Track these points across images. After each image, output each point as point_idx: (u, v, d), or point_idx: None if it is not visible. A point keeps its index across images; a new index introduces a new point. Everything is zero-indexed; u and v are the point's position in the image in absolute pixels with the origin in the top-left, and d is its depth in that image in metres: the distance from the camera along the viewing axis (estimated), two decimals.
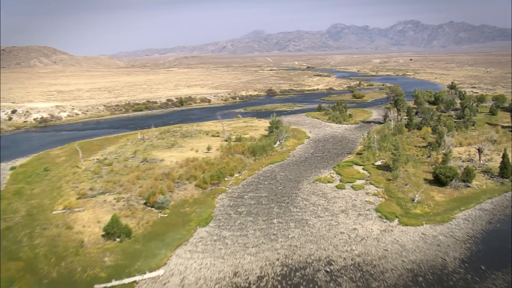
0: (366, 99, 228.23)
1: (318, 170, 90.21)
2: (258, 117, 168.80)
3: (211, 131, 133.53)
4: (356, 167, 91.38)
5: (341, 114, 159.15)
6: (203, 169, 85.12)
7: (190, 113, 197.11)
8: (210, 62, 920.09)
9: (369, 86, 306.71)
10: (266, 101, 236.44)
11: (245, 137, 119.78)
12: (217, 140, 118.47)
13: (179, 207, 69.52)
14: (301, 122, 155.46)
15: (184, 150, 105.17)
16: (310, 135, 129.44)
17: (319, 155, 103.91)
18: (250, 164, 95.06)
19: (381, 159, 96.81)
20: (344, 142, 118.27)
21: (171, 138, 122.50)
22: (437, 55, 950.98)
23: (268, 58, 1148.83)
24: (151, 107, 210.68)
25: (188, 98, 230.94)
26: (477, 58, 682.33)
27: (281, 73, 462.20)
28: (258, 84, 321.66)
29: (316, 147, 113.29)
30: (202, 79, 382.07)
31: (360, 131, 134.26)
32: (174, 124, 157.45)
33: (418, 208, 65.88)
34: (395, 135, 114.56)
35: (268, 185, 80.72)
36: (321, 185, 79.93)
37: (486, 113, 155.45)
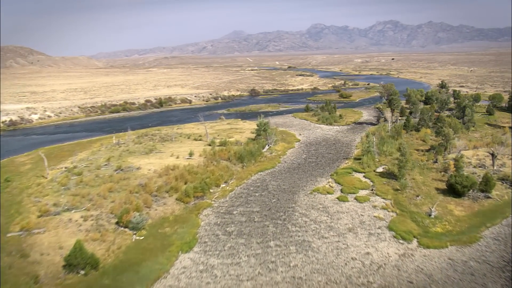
0: (353, 99, 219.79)
1: (314, 179, 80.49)
2: (242, 119, 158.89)
3: (193, 134, 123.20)
4: (356, 175, 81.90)
5: (330, 115, 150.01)
6: (185, 179, 74.76)
7: (170, 115, 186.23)
8: (190, 63, 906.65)
9: (354, 85, 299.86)
10: (250, 102, 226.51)
11: (230, 140, 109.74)
12: (199, 144, 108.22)
13: (157, 226, 59.03)
14: (289, 123, 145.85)
15: (163, 156, 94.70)
16: (300, 138, 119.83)
17: (313, 161, 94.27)
18: (238, 172, 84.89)
19: (382, 165, 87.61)
20: (338, 146, 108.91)
21: (149, 142, 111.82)
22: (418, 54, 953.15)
23: (249, 58, 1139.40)
24: (128, 108, 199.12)
25: (168, 98, 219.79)
26: (459, 57, 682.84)
27: (263, 73, 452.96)
28: (241, 84, 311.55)
29: (308, 151, 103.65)
30: (183, 79, 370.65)
31: (354, 133, 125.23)
32: (153, 127, 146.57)
33: (437, 226, 56.42)
34: (393, 138, 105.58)
35: (259, 197, 70.62)
36: (320, 196, 70.17)
37: (482, 113, 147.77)
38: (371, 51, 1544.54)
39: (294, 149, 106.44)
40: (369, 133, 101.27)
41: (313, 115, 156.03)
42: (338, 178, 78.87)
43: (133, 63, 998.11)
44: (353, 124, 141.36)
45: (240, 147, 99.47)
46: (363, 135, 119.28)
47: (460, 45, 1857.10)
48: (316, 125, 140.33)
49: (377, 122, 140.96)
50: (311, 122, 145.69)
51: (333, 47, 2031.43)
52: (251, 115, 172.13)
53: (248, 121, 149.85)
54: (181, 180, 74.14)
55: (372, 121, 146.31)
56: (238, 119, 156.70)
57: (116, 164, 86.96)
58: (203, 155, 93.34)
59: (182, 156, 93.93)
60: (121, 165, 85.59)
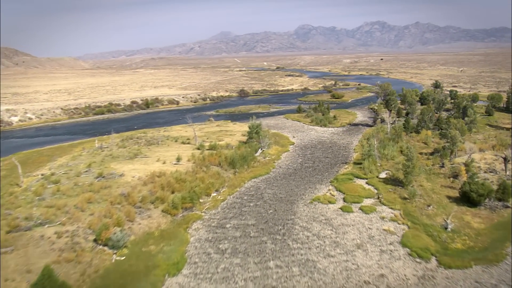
0: (346, 99, 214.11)
1: (313, 186, 74.08)
2: (232, 120, 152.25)
3: (181, 137, 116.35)
4: (358, 181, 75.67)
5: (324, 116, 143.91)
6: (172, 188, 67.97)
7: (157, 116, 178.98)
8: (177, 64, 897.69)
9: (345, 86, 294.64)
10: (239, 102, 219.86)
11: (220, 144, 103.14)
12: (187, 148, 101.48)
13: (141, 244, 52.14)
14: (281, 125, 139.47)
15: (149, 162, 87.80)
16: (294, 140, 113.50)
17: (310, 166, 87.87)
18: (230, 179, 78.17)
19: (385, 170, 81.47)
20: (335, 149, 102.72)
21: (134, 146, 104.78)
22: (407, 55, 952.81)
23: (236, 59, 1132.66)
24: (113, 110, 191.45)
25: (154, 99, 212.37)
26: (448, 57, 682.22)
27: (251, 74, 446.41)
28: (229, 85, 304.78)
29: (304, 155, 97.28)
30: (170, 80, 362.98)
31: (350, 135, 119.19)
32: (139, 129, 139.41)
33: (457, 241, 50.21)
34: (393, 140, 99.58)
35: (254, 207, 64.00)
36: (321, 207, 63.75)
37: (481, 114, 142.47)
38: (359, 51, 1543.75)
39: (289, 153, 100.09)
40: (370, 136, 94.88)
41: (306, 116, 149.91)
42: (339, 185, 72.56)
43: (120, 64, 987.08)
44: (348, 126, 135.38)
45: (232, 151, 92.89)
46: (361, 138, 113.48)
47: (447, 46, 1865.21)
48: (310, 127, 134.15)
49: (373, 123, 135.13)
50: (305, 124, 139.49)
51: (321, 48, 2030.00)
52: (241, 116, 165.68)
53: (238, 123, 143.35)
54: (168, 189, 67.36)
55: (367, 123, 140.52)
56: (227, 121, 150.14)
57: (98, 171, 79.91)
58: (192, 160, 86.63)
59: (169, 161, 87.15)
60: (102, 172, 78.56)
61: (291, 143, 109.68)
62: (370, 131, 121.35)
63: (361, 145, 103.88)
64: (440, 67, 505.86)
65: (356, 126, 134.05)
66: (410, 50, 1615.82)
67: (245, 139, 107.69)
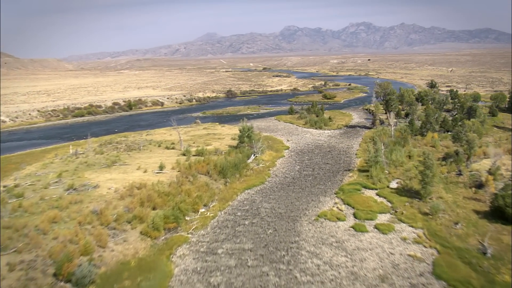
0: (338, 100, 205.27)
1: (316, 198, 64.46)
2: (220, 122, 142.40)
3: (165, 141, 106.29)
4: (367, 192, 66.24)
5: (319, 117, 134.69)
6: (154, 203, 57.82)
7: (140, 119, 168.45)
8: (163, 65, 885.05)
9: (335, 86, 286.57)
10: (227, 103, 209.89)
11: (208, 149, 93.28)
12: (172, 153, 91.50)
13: (113, 279, 41.88)
14: (272, 128, 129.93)
15: (128, 170, 77.62)
16: (289, 144, 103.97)
17: (310, 174, 78.25)
18: (220, 191, 68.20)
19: (395, 178, 72.31)
20: (334, 154, 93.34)
21: (112, 152, 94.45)
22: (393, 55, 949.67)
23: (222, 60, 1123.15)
24: (94, 112, 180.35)
25: (137, 101, 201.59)
26: (435, 58, 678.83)
27: (238, 74, 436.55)
28: (216, 85, 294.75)
29: (301, 161, 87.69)
30: (155, 80, 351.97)
31: (349, 138, 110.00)
32: (120, 133, 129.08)
33: (503, 271, 40.67)
34: (399, 144, 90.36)
35: (250, 226, 54.07)
36: (330, 225, 54.07)
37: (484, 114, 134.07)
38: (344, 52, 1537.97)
39: (284, 158, 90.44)
40: (373, 139, 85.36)
41: (299, 118, 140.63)
42: (346, 198, 63.03)
43: (104, 66, 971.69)
44: (345, 128, 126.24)
45: (221, 157, 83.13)
46: (361, 141, 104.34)
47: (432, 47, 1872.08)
48: (304, 129, 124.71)
49: (372, 125, 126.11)
50: (298, 126, 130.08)
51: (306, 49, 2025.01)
52: (229, 118, 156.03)
53: (227, 125, 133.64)
54: (148, 205, 57.23)
55: (365, 124, 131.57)
56: (215, 123, 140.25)
57: (69, 181, 69.60)
58: (177, 168, 76.62)
59: (151, 169, 77.07)
60: (74, 183, 68.24)
61: (286, 148, 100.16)
62: (370, 133, 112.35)
63: (363, 149, 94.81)
64: (428, 67, 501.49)
65: (354, 128, 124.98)
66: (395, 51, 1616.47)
67: (235, 144, 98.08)
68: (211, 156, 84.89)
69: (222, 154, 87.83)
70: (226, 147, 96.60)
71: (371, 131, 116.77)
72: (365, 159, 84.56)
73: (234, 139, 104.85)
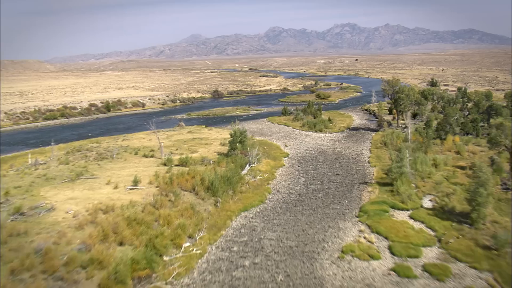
0: (333, 100, 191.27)
1: (334, 223, 49.79)
2: (206, 125, 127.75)
3: (143, 147, 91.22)
4: (397, 214, 51.78)
5: (317, 119, 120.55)
6: (121, 235, 42.63)
7: (118, 121, 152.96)
8: (147, 66, 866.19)
9: (327, 86, 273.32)
10: (213, 104, 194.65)
11: (194, 157, 78.40)
12: (150, 163, 76.50)
13: None
14: (266, 131, 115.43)
15: (95, 186, 62.33)
16: (287, 151, 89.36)
17: (319, 188, 63.67)
18: (210, 214, 53.02)
19: (426, 194, 58.15)
20: (343, 162, 78.95)
21: (80, 162, 79.02)
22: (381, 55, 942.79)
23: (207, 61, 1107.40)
24: (68, 114, 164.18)
25: (116, 102, 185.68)
26: (424, 57, 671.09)
27: (224, 75, 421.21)
28: (201, 85, 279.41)
29: (306, 171, 73.09)
30: (137, 81, 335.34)
31: (355, 143, 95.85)
32: (94, 137, 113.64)
33: None
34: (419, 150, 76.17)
35: (253, 270, 39.06)
36: (361, 266, 39.34)
37: None
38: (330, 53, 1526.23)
39: (285, 168, 75.76)
40: (402, 145, 70.94)
41: (295, 120, 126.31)
42: (374, 223, 48.45)
43: (88, 67, 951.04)
44: (347, 130, 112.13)
45: (210, 167, 68.42)
46: (371, 146, 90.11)
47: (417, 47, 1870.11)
48: (302, 133, 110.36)
49: (378, 127, 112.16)
50: (295, 129, 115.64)
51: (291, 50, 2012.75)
52: (216, 120, 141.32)
53: (214, 128, 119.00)
54: (113, 239, 42.22)
55: (369, 126, 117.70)
56: (201, 126, 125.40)
57: (18, 202, 54.15)
58: (155, 183, 61.59)
59: (123, 184, 61.93)
60: (23, 204, 52.77)
61: (285, 155, 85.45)
62: (379, 137, 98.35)
63: (376, 156, 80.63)
64: (418, 67, 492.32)
65: (358, 131, 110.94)
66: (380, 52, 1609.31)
67: (225, 150, 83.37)
68: (197, 167, 70.08)
69: (211, 163, 73.04)
70: (214, 154, 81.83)
71: (378, 134, 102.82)
72: (382, 169, 70.46)
73: (223, 145, 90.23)
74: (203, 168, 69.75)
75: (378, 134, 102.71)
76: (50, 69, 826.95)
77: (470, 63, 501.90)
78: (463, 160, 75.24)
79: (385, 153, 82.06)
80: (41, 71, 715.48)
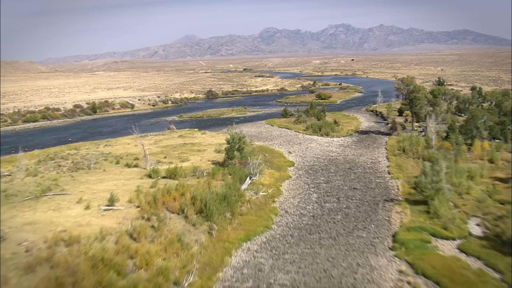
0: (334, 101, 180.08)
1: (363, 260, 38.11)
2: (199, 128, 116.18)
3: (127, 155, 79.72)
4: (442, 245, 40.39)
5: (321, 121, 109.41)
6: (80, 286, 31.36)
7: (104, 124, 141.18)
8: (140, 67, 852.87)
9: (325, 85, 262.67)
10: (207, 105, 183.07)
11: (184, 167, 66.93)
12: (133, 174, 64.93)
13: None
14: (266, 134, 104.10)
15: (63, 205, 50.48)
16: (292, 158, 77.92)
17: (336, 207, 52.04)
18: (202, 248, 40.83)
19: (471, 215, 46.95)
20: (359, 173, 67.55)
21: (51, 173, 67.29)
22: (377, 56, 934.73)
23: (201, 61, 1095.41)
24: (50, 116, 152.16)
25: (103, 103, 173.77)
26: (421, 58, 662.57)
27: (219, 75, 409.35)
28: (195, 86, 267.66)
29: (317, 185, 61.57)
30: (129, 81, 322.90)
31: (368, 149, 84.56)
32: (74, 142, 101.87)
33: None
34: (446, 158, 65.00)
35: None
36: None
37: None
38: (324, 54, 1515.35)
39: (292, 181, 64.26)
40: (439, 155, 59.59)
41: (297, 122, 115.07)
42: (416, 260, 36.91)
43: (81, 68, 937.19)
44: (356, 134, 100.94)
45: (202, 180, 56.98)
46: (388, 152, 78.73)
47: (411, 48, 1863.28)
48: (306, 137, 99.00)
49: (391, 130, 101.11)
50: (298, 132, 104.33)
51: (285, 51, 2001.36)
52: (210, 122, 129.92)
53: (208, 132, 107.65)
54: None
55: (379, 129, 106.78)
56: (193, 129, 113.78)
57: None
58: (136, 201, 50.04)
59: (97, 202, 50.27)
60: None
61: (290, 164, 73.86)
62: (394, 142, 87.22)
63: (397, 165, 69.43)
64: (415, 67, 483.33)
65: (368, 135, 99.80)
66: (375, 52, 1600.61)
67: (221, 158, 72.00)
68: (187, 180, 58.68)
69: (204, 175, 61.58)
70: (208, 164, 70.36)
71: (393, 138, 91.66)
72: (407, 181, 59.30)
73: (219, 152, 78.88)
74: (195, 181, 58.37)
75: (392, 138, 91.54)
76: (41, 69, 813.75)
77: (468, 63, 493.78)
78: (499, 170, 64.26)
79: (406, 161, 71.02)
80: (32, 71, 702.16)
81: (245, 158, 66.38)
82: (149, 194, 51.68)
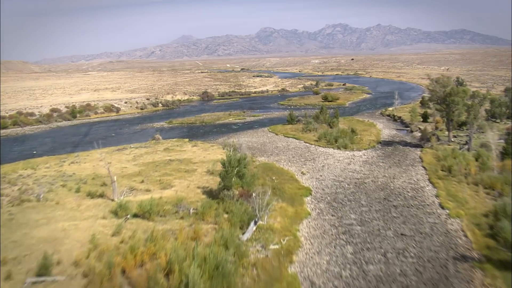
0: (342, 103, 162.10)
1: None
2: (190, 138, 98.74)
3: (93, 177, 62.30)
4: None
5: (335, 129, 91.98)
6: None
7: (81, 131, 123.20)
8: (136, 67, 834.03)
9: (329, 86, 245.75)
10: (202, 108, 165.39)
11: (165, 198, 49.49)
12: (95, 210, 47.35)
13: None
14: (270, 146, 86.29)
15: None
16: (307, 182, 59.85)
17: (385, 274, 33.92)
18: None
19: None
20: (400, 205, 49.48)
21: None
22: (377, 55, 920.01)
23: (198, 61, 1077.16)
24: (23, 122, 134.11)
25: (85, 106, 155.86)
26: (422, 57, 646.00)
27: (215, 75, 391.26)
28: (189, 86, 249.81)
29: (347, 228, 43.54)
30: (120, 82, 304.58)
31: (400, 167, 66.75)
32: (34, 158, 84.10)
33: None
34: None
35: None
36: None
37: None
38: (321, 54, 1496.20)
39: (312, 221, 46.12)
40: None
41: (305, 130, 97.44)
42: None
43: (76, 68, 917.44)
44: (379, 146, 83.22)
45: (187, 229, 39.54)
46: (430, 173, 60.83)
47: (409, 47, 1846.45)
48: (320, 150, 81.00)
49: (421, 141, 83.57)
50: (308, 144, 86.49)
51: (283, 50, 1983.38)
52: (204, 130, 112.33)
53: (200, 144, 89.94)
54: None
55: (404, 139, 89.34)
56: (183, 139, 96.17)
57: None
58: (84, 264, 32.52)
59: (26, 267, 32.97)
60: None
61: (306, 191, 55.67)
62: (430, 157, 69.69)
63: (449, 194, 51.73)
64: (418, 66, 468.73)
65: (393, 147, 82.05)
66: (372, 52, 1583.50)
67: (214, 183, 54.49)
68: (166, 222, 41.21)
69: (190, 214, 44.02)
70: (197, 192, 52.79)
71: (427, 152, 74.02)
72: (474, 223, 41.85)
73: (212, 173, 61.34)
74: (177, 223, 40.95)
75: (427, 152, 73.91)
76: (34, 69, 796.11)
77: (472, 62, 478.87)
78: None
79: (459, 188, 53.41)
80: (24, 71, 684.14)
81: (248, 187, 48.84)
82: (107, 250, 34.30)
